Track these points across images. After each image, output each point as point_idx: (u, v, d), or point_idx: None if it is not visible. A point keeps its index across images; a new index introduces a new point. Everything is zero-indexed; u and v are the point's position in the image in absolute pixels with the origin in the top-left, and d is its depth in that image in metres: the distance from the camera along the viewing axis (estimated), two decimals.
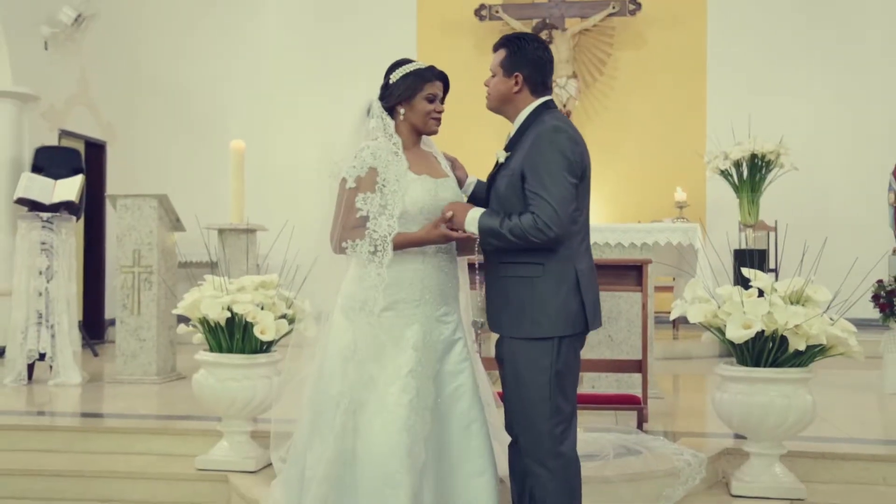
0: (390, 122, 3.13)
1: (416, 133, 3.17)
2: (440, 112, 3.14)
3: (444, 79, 3.16)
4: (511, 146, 3.03)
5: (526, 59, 3.03)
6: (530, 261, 2.93)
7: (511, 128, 3.11)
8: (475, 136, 9.11)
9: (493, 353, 3.17)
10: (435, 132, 3.18)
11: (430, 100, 3.11)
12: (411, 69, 3.11)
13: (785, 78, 10.44)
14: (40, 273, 6.56)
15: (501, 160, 3.02)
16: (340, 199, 3.05)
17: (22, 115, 9.03)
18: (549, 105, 3.06)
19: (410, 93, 3.09)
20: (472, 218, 2.95)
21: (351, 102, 3.34)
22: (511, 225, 2.87)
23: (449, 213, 2.97)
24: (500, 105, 3.09)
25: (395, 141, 3.09)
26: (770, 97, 10.28)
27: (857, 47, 10.30)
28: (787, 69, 10.46)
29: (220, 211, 7.70)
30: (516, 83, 3.03)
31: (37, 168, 7.89)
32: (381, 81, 3.20)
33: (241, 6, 11.23)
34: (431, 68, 3.14)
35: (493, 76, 3.07)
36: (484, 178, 3.22)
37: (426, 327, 3.06)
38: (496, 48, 3.09)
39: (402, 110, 3.12)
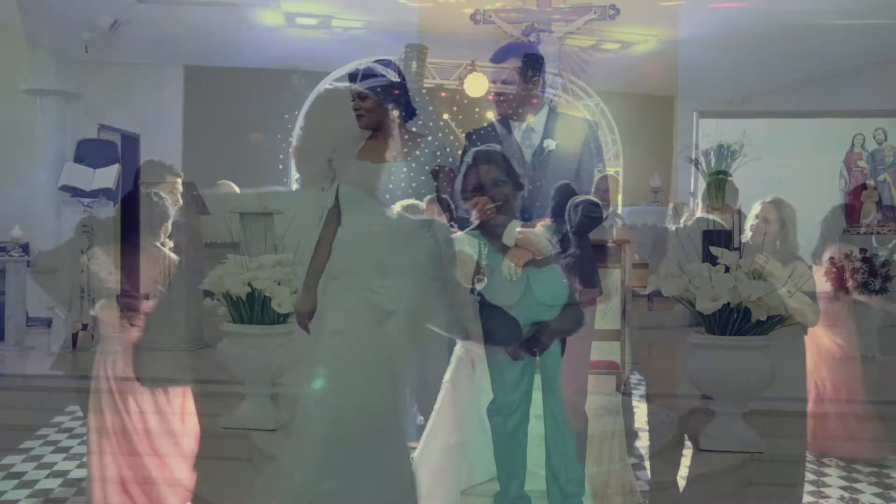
0: None
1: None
2: (357, 109, 3.06)
3: (363, 77, 3.06)
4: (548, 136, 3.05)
5: None
6: None
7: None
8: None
9: None
10: (360, 127, 3.09)
11: (352, 98, 3.07)
12: None
13: (749, 75, 10.35)
14: (82, 252, 6.53)
15: (553, 148, 2.99)
16: None
17: (65, 111, 8.98)
18: None
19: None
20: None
21: None
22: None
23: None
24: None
25: (362, 132, 3.11)
26: (735, 92, 10.20)
27: (820, 45, 10.17)
28: (752, 67, 10.36)
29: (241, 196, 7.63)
30: None
31: (78, 158, 7.86)
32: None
33: (259, 14, 11.10)
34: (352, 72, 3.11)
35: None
36: None
37: (359, 296, 2.99)
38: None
39: None
